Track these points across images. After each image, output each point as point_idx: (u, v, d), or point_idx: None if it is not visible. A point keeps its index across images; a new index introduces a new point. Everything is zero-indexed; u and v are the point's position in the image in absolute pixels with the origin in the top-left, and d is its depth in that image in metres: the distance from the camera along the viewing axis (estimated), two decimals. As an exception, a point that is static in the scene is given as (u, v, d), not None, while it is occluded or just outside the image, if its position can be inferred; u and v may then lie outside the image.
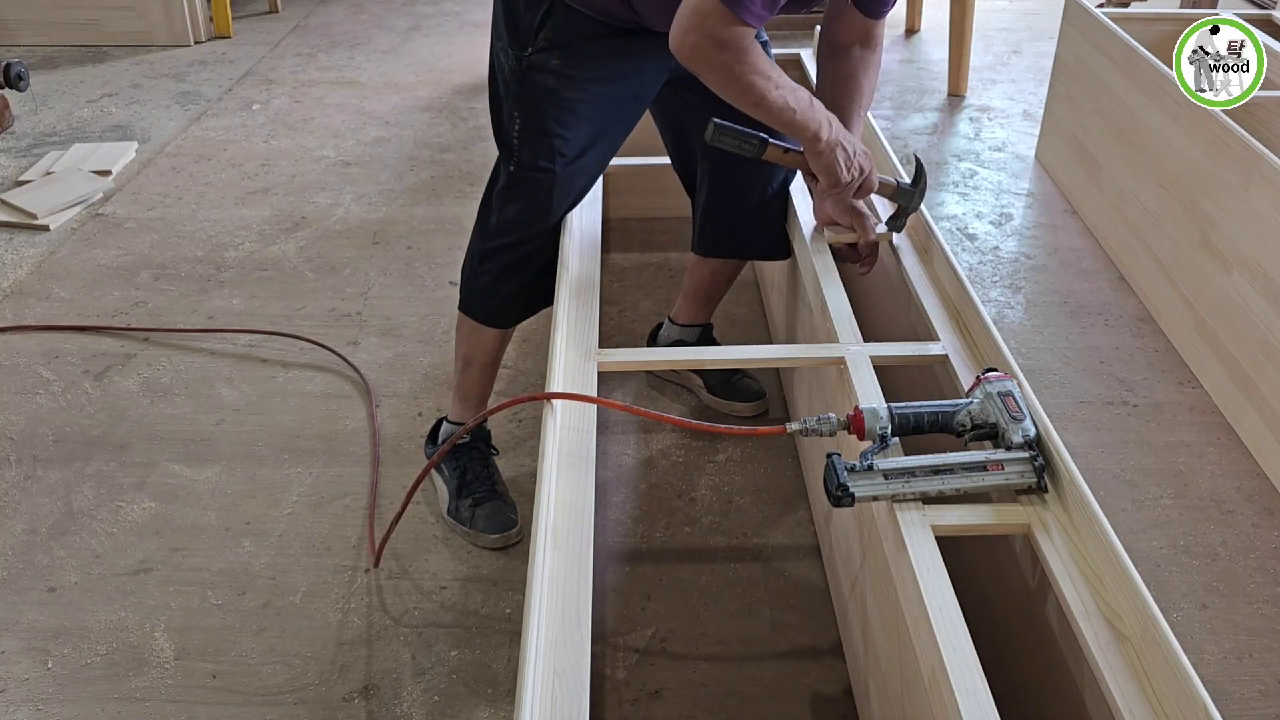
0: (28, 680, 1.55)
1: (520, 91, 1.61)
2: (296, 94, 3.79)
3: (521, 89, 1.61)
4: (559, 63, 1.58)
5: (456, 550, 1.78)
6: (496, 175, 1.72)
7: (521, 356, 2.25)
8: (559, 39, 1.56)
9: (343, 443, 2.04)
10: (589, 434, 1.30)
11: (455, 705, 1.51)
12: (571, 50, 1.58)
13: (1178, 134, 2.30)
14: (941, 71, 3.87)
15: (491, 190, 1.73)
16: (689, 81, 1.59)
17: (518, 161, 1.65)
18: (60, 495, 1.90)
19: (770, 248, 1.94)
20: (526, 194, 1.67)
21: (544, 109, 1.61)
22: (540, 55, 1.57)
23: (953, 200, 3.00)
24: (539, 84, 1.59)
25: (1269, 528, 1.83)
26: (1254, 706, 1.51)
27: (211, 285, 2.57)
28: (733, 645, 1.61)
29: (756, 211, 1.88)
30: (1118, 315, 2.44)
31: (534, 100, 1.61)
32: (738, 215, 1.89)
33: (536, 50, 1.57)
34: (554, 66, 1.58)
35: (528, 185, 1.66)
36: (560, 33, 1.56)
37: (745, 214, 1.89)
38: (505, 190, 1.69)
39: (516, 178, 1.66)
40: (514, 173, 1.66)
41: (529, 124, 1.62)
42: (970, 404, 1.23)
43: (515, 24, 1.58)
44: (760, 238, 1.92)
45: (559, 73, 1.58)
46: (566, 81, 1.59)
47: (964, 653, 0.99)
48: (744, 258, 2.02)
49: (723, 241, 1.95)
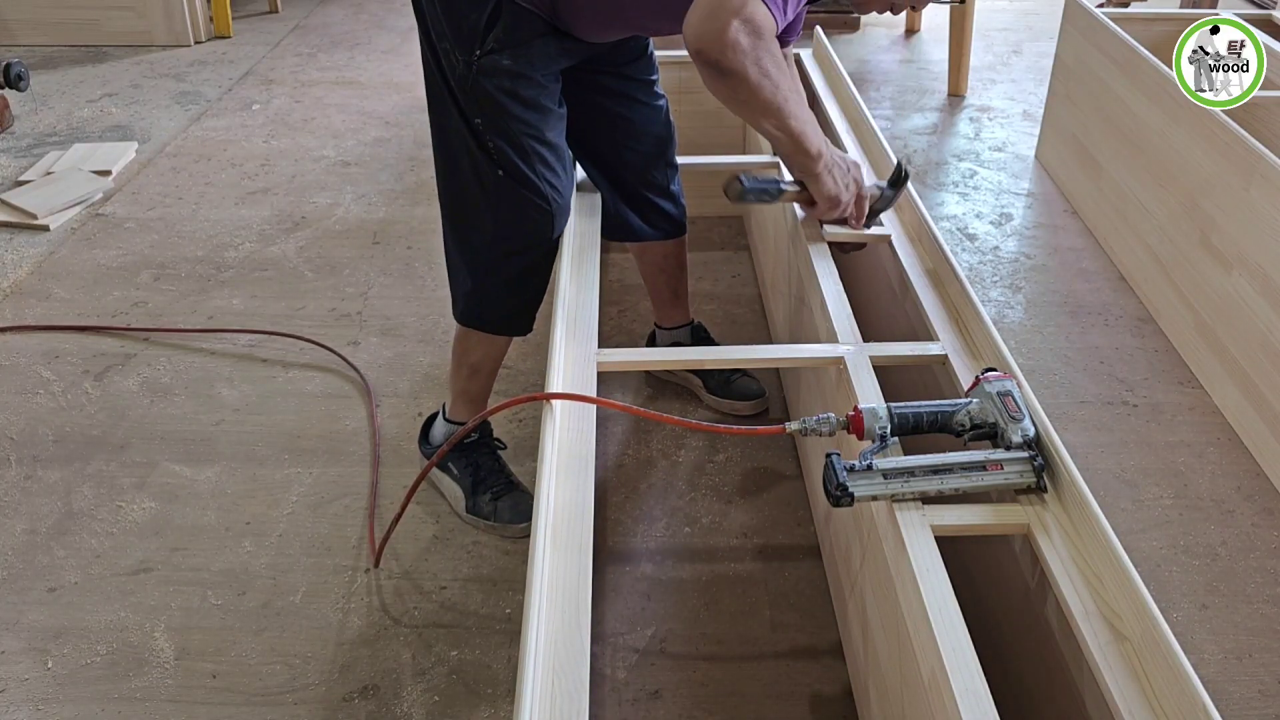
0: (28, 680, 1.55)
1: (476, 94, 1.56)
2: (296, 94, 3.79)
3: (474, 90, 1.55)
4: (510, 62, 1.53)
5: (456, 550, 1.78)
6: (461, 183, 1.65)
7: (521, 356, 2.25)
8: (509, 39, 1.52)
9: (343, 443, 2.04)
10: (588, 434, 1.30)
11: (455, 705, 1.51)
12: (524, 49, 1.54)
13: (1178, 134, 2.30)
14: (941, 71, 3.87)
15: (461, 199, 1.67)
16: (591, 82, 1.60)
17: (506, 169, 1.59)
18: (60, 495, 1.90)
19: (664, 227, 1.95)
20: (517, 200, 1.62)
21: (506, 108, 1.56)
22: (491, 57, 1.53)
23: (953, 200, 3.00)
24: (494, 86, 1.54)
25: (1269, 528, 1.83)
26: (1254, 706, 1.51)
27: (211, 285, 2.57)
28: (733, 645, 1.61)
29: (641, 197, 1.89)
30: (1118, 315, 2.44)
31: (493, 102, 1.55)
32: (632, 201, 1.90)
33: (486, 52, 1.52)
34: (506, 66, 1.53)
35: (514, 191, 1.61)
36: (511, 33, 1.52)
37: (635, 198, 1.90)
38: (493, 198, 1.62)
39: (501, 185, 1.61)
40: (501, 178, 1.60)
41: (493, 126, 1.57)
42: (970, 404, 1.23)
43: (458, 25, 1.53)
44: (653, 220, 1.93)
45: (513, 72, 1.54)
46: (523, 80, 1.55)
47: (963, 653, 0.99)
48: (640, 240, 1.99)
49: (620, 227, 1.93)
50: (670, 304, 2.13)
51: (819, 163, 1.54)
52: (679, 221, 1.97)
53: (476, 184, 1.63)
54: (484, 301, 1.74)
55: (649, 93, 1.81)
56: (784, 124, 1.44)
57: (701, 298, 2.50)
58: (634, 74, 1.77)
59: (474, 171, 1.62)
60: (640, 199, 1.90)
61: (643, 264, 2.09)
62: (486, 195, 1.62)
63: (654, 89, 1.82)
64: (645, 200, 1.90)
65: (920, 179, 3.12)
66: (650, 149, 1.84)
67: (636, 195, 1.89)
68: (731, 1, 1.31)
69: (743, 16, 1.31)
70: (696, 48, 1.34)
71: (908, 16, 4.44)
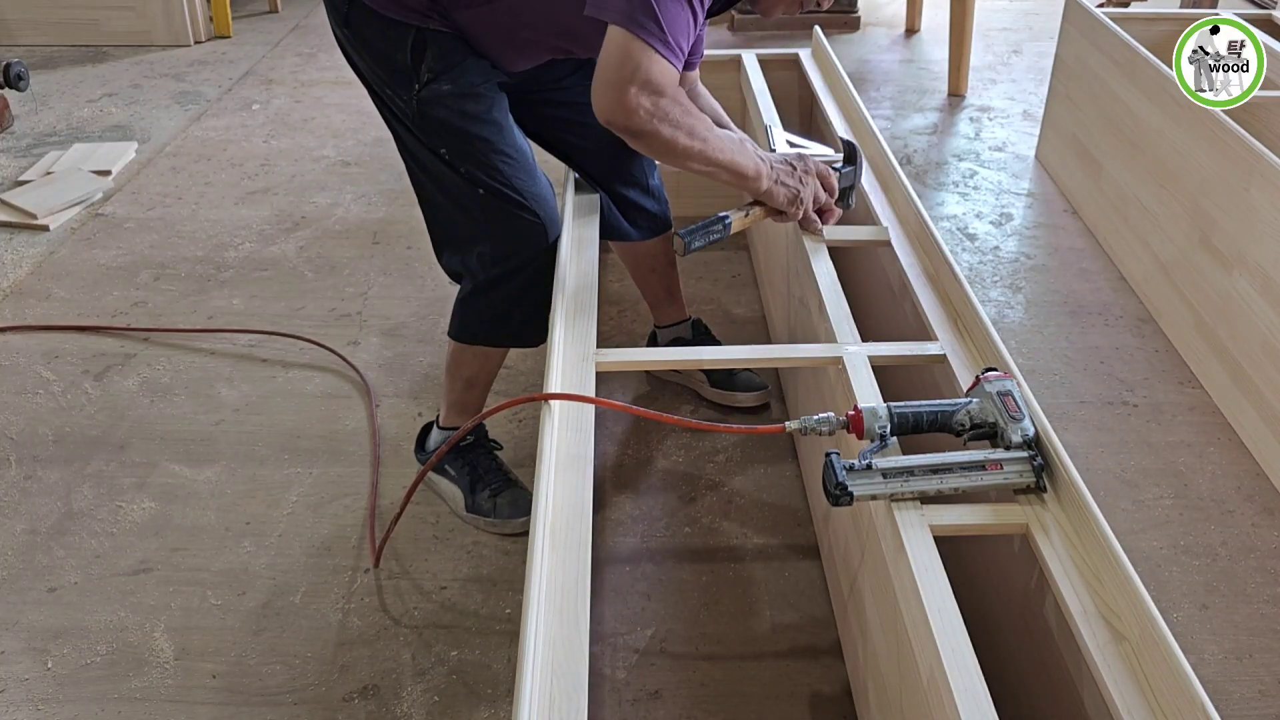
0: (27, 680, 1.55)
1: (430, 127, 1.57)
2: (296, 94, 3.79)
3: (426, 123, 1.57)
4: (450, 87, 1.54)
5: (456, 550, 1.78)
6: (449, 213, 1.66)
7: (521, 357, 2.25)
8: (441, 65, 1.53)
9: (343, 443, 2.04)
10: (587, 434, 1.30)
11: (455, 705, 1.51)
12: (458, 70, 1.54)
13: (1178, 134, 2.30)
14: (941, 71, 3.87)
15: (452, 228, 1.68)
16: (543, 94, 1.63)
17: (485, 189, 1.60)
18: (60, 495, 1.90)
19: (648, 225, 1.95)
20: (505, 216, 1.62)
21: (464, 131, 1.57)
22: (430, 88, 1.54)
23: (953, 200, 3.00)
24: (444, 113, 1.55)
25: (1269, 528, 1.83)
26: (1254, 706, 1.51)
27: (211, 285, 2.57)
28: (733, 645, 1.61)
29: (621, 197, 1.89)
30: (1118, 315, 2.44)
31: (449, 129, 1.56)
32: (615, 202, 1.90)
33: (424, 84, 1.54)
34: (447, 91, 1.54)
35: (500, 209, 1.61)
36: (440, 59, 1.53)
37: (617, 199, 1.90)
38: (481, 221, 1.63)
39: (487, 205, 1.61)
40: (483, 197, 1.60)
41: (458, 152, 1.58)
42: (969, 403, 1.23)
43: (389, 68, 1.54)
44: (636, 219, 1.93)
45: (455, 93, 1.55)
46: (469, 99, 1.56)
47: (962, 653, 0.99)
48: (626, 240, 1.99)
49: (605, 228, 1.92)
50: (665, 302, 2.13)
51: (762, 180, 1.55)
52: (662, 218, 1.97)
53: (463, 211, 1.63)
54: (490, 320, 1.73)
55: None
56: (709, 161, 1.47)
57: (701, 298, 2.50)
58: (575, 83, 1.76)
59: (458, 200, 1.63)
60: (620, 199, 1.90)
61: (632, 266, 2.09)
62: (475, 220, 1.63)
63: None
64: (625, 200, 1.90)
65: (920, 179, 3.12)
66: (615, 149, 1.82)
67: (616, 196, 1.89)
68: (626, 69, 1.33)
69: (639, 82, 1.34)
70: (604, 119, 1.39)
71: (908, 15, 4.44)
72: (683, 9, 1.35)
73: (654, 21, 1.31)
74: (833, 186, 1.66)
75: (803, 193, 1.60)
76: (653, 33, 1.32)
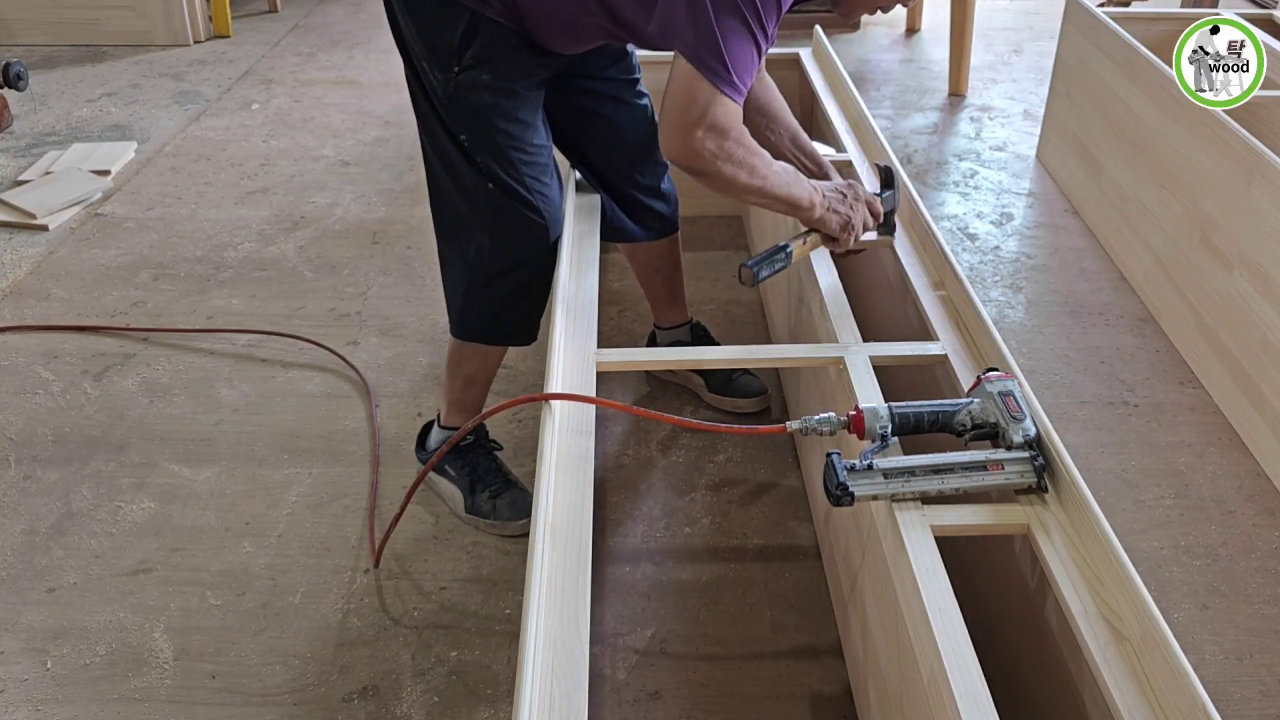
0: (27, 680, 1.55)
1: (458, 111, 1.56)
2: (296, 93, 3.78)
3: (455, 107, 1.56)
4: (489, 77, 1.54)
5: (456, 551, 1.78)
6: (455, 201, 1.65)
7: (521, 357, 2.24)
8: (486, 55, 1.53)
9: (342, 443, 2.03)
10: (588, 434, 1.30)
11: (455, 705, 1.51)
12: (501, 64, 1.54)
13: (1178, 134, 2.29)
14: (942, 71, 3.86)
15: (456, 216, 1.67)
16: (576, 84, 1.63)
17: (495, 182, 1.60)
18: (59, 495, 1.90)
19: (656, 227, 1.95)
20: (510, 213, 1.62)
21: (489, 123, 1.57)
22: (469, 73, 1.53)
23: (953, 200, 3.00)
24: (475, 101, 1.55)
25: (1270, 528, 1.83)
26: (1254, 707, 1.51)
27: (211, 285, 2.57)
28: (733, 645, 1.61)
29: (631, 198, 1.89)
30: (1118, 315, 2.44)
31: (475, 118, 1.56)
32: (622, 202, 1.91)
33: (464, 69, 1.53)
34: (485, 82, 1.54)
35: (506, 205, 1.61)
36: (487, 49, 1.53)
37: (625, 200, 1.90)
38: (487, 213, 1.63)
39: (493, 198, 1.61)
40: (492, 191, 1.60)
41: (478, 141, 1.58)
42: (970, 404, 1.23)
43: (434, 45, 1.54)
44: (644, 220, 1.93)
45: (493, 87, 1.55)
46: (504, 94, 1.56)
47: (963, 653, 0.98)
48: (632, 240, 1.99)
49: (612, 229, 1.93)
50: (668, 304, 2.13)
51: (815, 210, 1.57)
52: (670, 220, 1.97)
53: (469, 201, 1.63)
54: (486, 316, 1.73)
55: (631, 92, 1.81)
56: (768, 194, 1.50)
57: (701, 298, 2.50)
58: (615, 75, 1.78)
59: (465, 188, 1.62)
60: (630, 200, 1.89)
61: (637, 266, 2.09)
62: (479, 211, 1.63)
63: (636, 88, 1.82)
64: (635, 201, 1.90)
65: (921, 179, 3.12)
66: (636, 149, 1.84)
67: (626, 196, 1.89)
68: (692, 112, 1.35)
69: (705, 125, 1.36)
70: (670, 159, 1.44)
71: (909, 15, 4.43)
72: (748, 46, 1.35)
73: (720, 63, 1.33)
74: (879, 211, 1.68)
75: (854, 219, 1.62)
76: (719, 74, 1.33)
